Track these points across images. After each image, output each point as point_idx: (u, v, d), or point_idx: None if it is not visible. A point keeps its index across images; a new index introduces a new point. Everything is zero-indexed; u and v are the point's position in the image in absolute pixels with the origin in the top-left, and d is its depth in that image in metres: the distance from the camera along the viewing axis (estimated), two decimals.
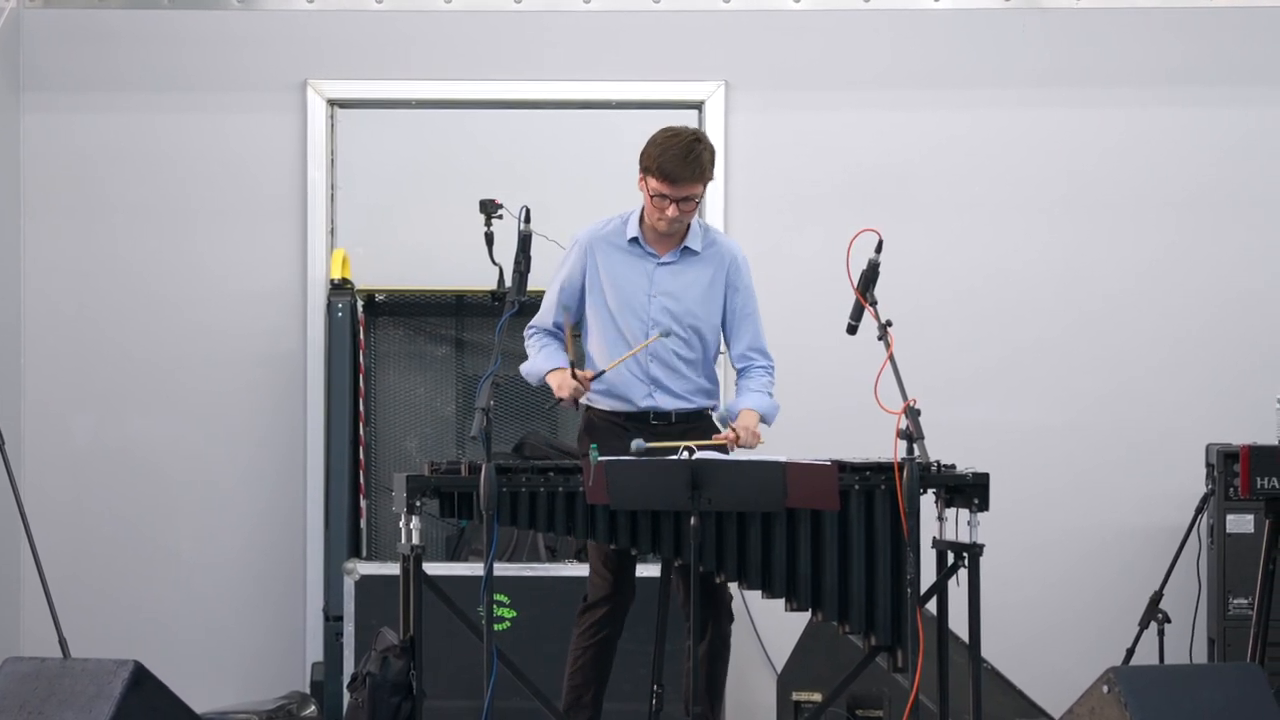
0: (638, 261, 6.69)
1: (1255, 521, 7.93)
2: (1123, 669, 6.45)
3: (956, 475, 6.39)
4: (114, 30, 8.88)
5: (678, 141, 6.51)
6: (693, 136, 6.56)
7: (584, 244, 6.72)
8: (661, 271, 6.68)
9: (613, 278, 6.67)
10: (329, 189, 8.88)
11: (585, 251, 6.71)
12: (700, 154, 6.51)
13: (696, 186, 6.54)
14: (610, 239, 6.71)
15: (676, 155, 6.48)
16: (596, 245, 6.70)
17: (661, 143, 6.54)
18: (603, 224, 6.76)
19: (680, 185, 6.50)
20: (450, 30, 8.86)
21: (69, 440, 8.89)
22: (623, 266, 6.68)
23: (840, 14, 8.84)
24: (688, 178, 6.50)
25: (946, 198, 8.85)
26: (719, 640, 6.65)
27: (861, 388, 6.20)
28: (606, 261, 6.68)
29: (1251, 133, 8.85)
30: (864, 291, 6.35)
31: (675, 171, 6.48)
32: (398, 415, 8.71)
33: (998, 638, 7.10)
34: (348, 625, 7.98)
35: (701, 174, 6.52)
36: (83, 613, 8.32)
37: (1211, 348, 8.81)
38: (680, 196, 6.52)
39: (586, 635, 6.65)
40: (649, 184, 6.55)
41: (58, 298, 8.91)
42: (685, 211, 6.56)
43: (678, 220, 6.58)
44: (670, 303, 6.64)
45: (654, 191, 6.53)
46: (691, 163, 6.48)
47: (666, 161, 6.48)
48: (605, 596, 6.62)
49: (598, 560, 6.62)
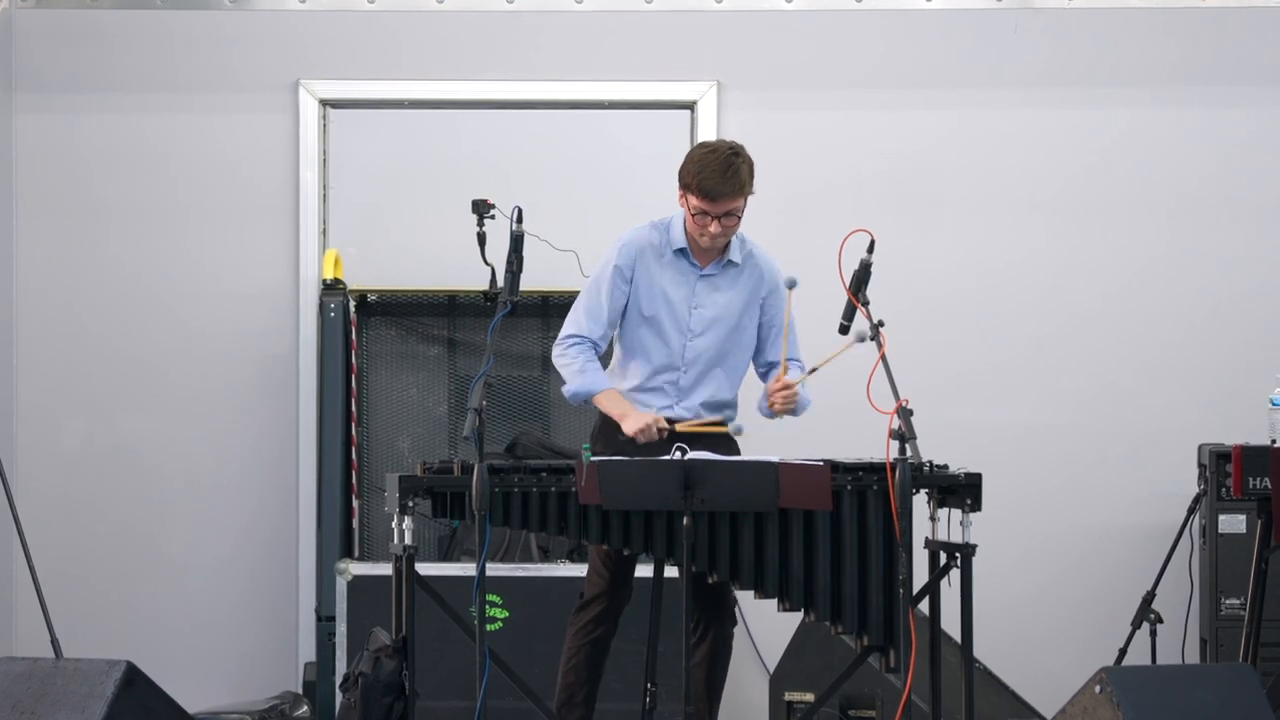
0: (681, 272, 6.64)
1: (1247, 522, 7.93)
2: (1115, 669, 6.45)
3: (949, 475, 6.39)
4: (106, 31, 8.88)
5: (716, 158, 6.46)
6: (730, 151, 6.49)
7: (633, 248, 6.63)
8: (704, 283, 6.66)
9: (658, 288, 6.62)
10: (321, 189, 8.88)
11: (635, 255, 6.63)
12: (739, 168, 6.46)
13: (737, 201, 6.50)
14: (656, 247, 6.66)
15: (715, 172, 6.43)
16: (645, 251, 6.65)
17: (699, 160, 6.48)
18: (645, 231, 6.69)
19: (721, 202, 6.46)
20: (442, 30, 8.86)
21: (61, 440, 8.88)
22: (666, 277, 6.63)
23: (832, 14, 8.84)
24: (728, 193, 6.45)
25: (939, 198, 8.86)
26: (720, 642, 6.64)
27: (854, 388, 6.20)
28: (652, 271, 6.63)
29: (1244, 134, 8.86)
30: (856, 291, 6.35)
31: (715, 188, 6.44)
32: (390, 415, 8.71)
33: (990, 638, 7.10)
34: (340, 625, 7.98)
35: (742, 188, 6.49)
36: (75, 613, 8.32)
37: (1204, 348, 8.82)
38: (721, 212, 6.49)
39: (582, 634, 6.64)
40: (689, 201, 6.50)
41: (50, 298, 8.90)
42: (728, 227, 6.53)
43: (721, 236, 6.55)
44: (711, 314, 6.63)
45: (695, 209, 6.49)
46: (730, 178, 6.44)
47: (706, 179, 6.43)
48: (602, 594, 6.61)
49: (597, 559, 6.60)
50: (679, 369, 6.61)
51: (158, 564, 8.85)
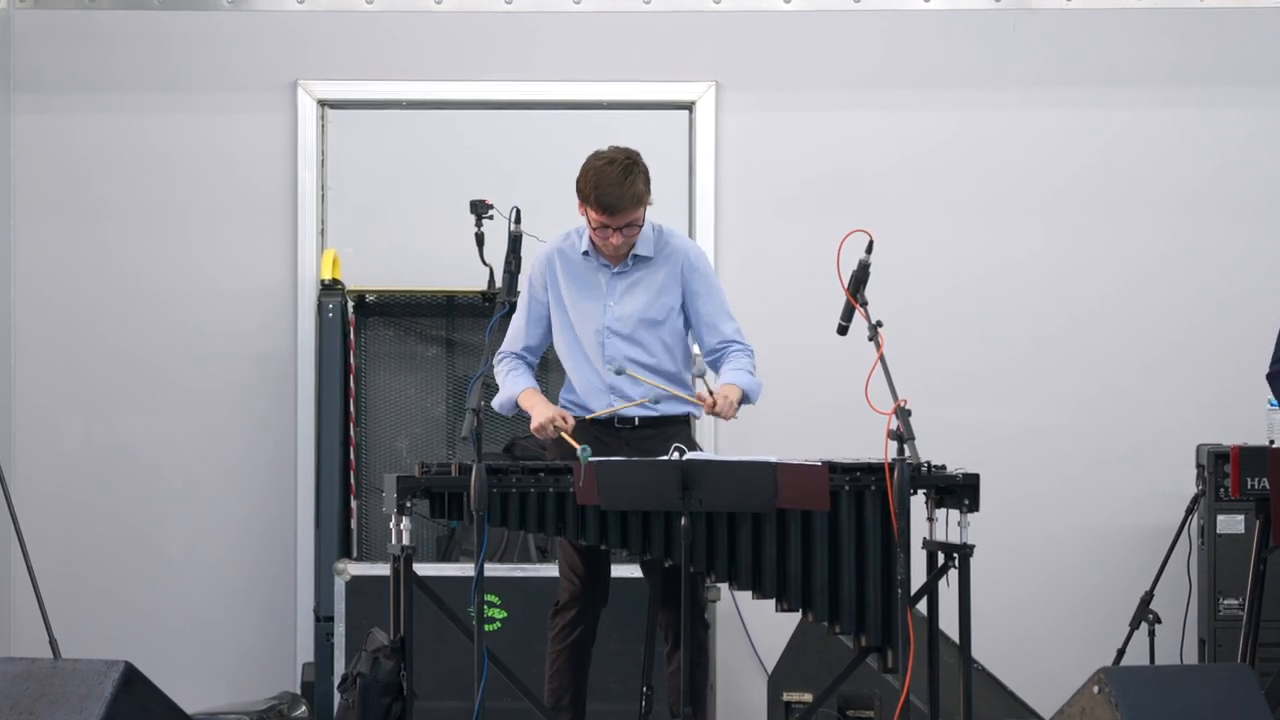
0: (592, 273, 6.68)
1: (1246, 522, 7.93)
2: (1113, 669, 6.44)
3: (947, 476, 6.38)
4: (105, 31, 8.88)
5: (611, 171, 6.46)
6: (626, 161, 6.50)
7: (543, 260, 6.71)
8: (616, 281, 6.67)
9: (571, 290, 6.66)
10: (319, 189, 8.88)
11: (547, 264, 6.70)
12: (635, 182, 6.47)
13: (636, 212, 6.52)
14: (567, 253, 6.70)
15: (613, 184, 6.44)
16: (555, 257, 6.70)
17: (596, 172, 6.48)
18: (561, 238, 6.75)
19: (620, 215, 6.48)
20: (441, 31, 8.86)
21: (60, 440, 8.88)
22: (579, 279, 6.67)
23: (831, 14, 8.84)
24: (627, 207, 6.48)
25: (937, 198, 8.86)
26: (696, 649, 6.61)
27: (852, 388, 6.20)
28: (565, 274, 6.67)
29: (1244, 134, 8.85)
30: (855, 292, 6.35)
31: (614, 203, 6.45)
32: (388, 416, 8.71)
33: (988, 638, 7.10)
34: (338, 626, 7.98)
35: (639, 200, 6.50)
36: (74, 613, 8.33)
37: (1202, 348, 8.82)
38: (622, 224, 6.51)
39: (560, 638, 6.66)
40: (589, 214, 6.52)
41: (48, 298, 8.90)
42: (629, 237, 6.56)
43: (624, 245, 6.57)
44: (624, 310, 6.64)
45: (594, 222, 6.52)
46: (628, 191, 6.45)
47: (604, 194, 6.44)
48: (574, 598, 6.63)
49: (565, 563, 6.63)
50: (605, 366, 6.61)
51: (156, 564, 8.85)
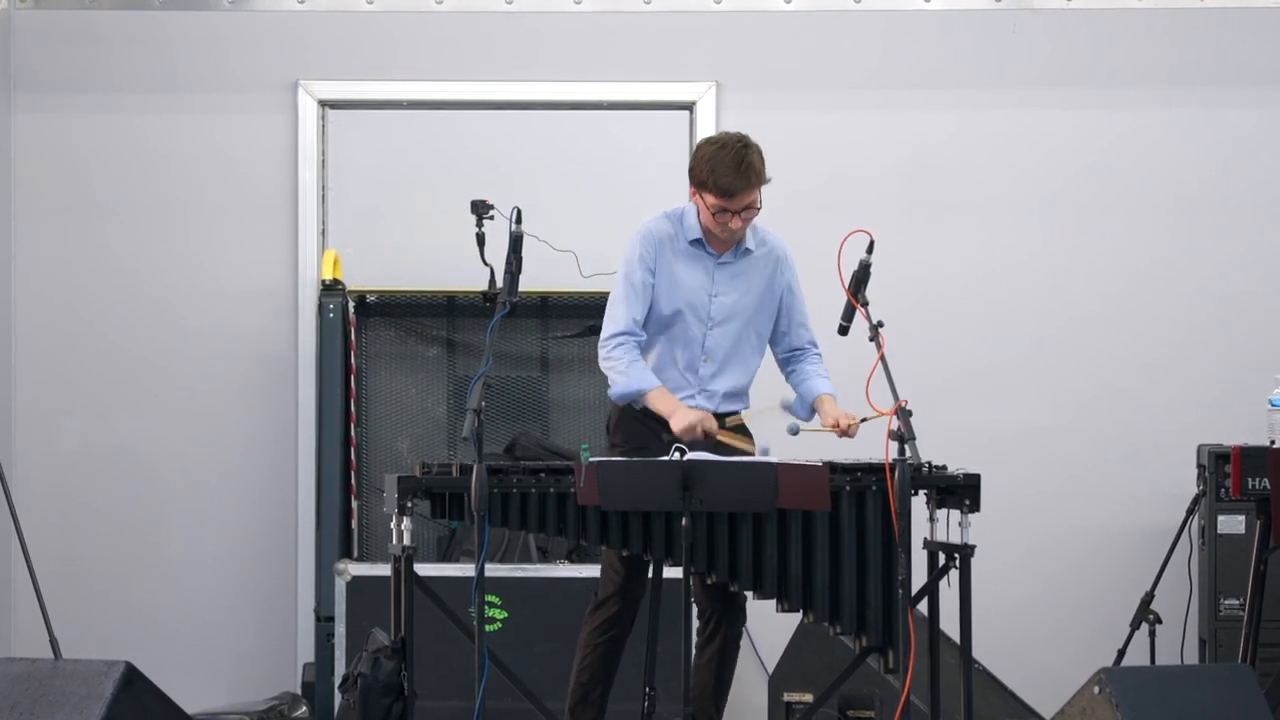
0: (698, 262, 6.63)
1: (1246, 522, 7.93)
2: (1114, 670, 6.45)
3: (948, 476, 6.38)
4: (105, 31, 8.88)
5: (727, 154, 6.43)
6: (739, 144, 6.46)
7: (652, 240, 6.61)
8: (721, 272, 6.65)
9: (676, 278, 6.61)
10: (320, 189, 8.88)
11: (654, 246, 6.60)
12: (752, 161, 6.43)
13: (754, 193, 6.49)
14: (673, 239, 6.63)
15: (730, 168, 6.41)
16: (663, 241, 6.62)
17: (711, 158, 6.46)
18: (660, 222, 6.66)
19: (739, 197, 6.45)
20: (441, 31, 8.86)
21: (60, 440, 8.88)
22: (684, 267, 6.62)
23: (831, 14, 8.84)
24: (745, 187, 6.44)
25: (938, 198, 8.86)
26: (730, 640, 6.63)
27: (853, 388, 6.20)
28: (670, 261, 6.61)
29: (1243, 135, 8.85)
30: (855, 292, 6.35)
31: (732, 185, 6.42)
32: (389, 416, 8.71)
33: (989, 638, 7.10)
34: (339, 626, 7.98)
35: (758, 180, 6.46)
36: (74, 613, 8.32)
37: (1203, 349, 8.82)
38: (741, 207, 6.47)
39: (597, 633, 6.61)
40: (705, 199, 6.48)
41: (48, 298, 8.90)
42: (748, 219, 6.53)
43: (742, 229, 6.55)
44: (730, 301, 6.62)
45: (714, 207, 6.46)
46: (745, 172, 6.42)
47: (722, 177, 6.41)
48: (617, 592, 6.57)
49: (613, 555, 6.57)
50: (700, 358, 6.60)
51: (156, 564, 8.84)
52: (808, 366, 6.73)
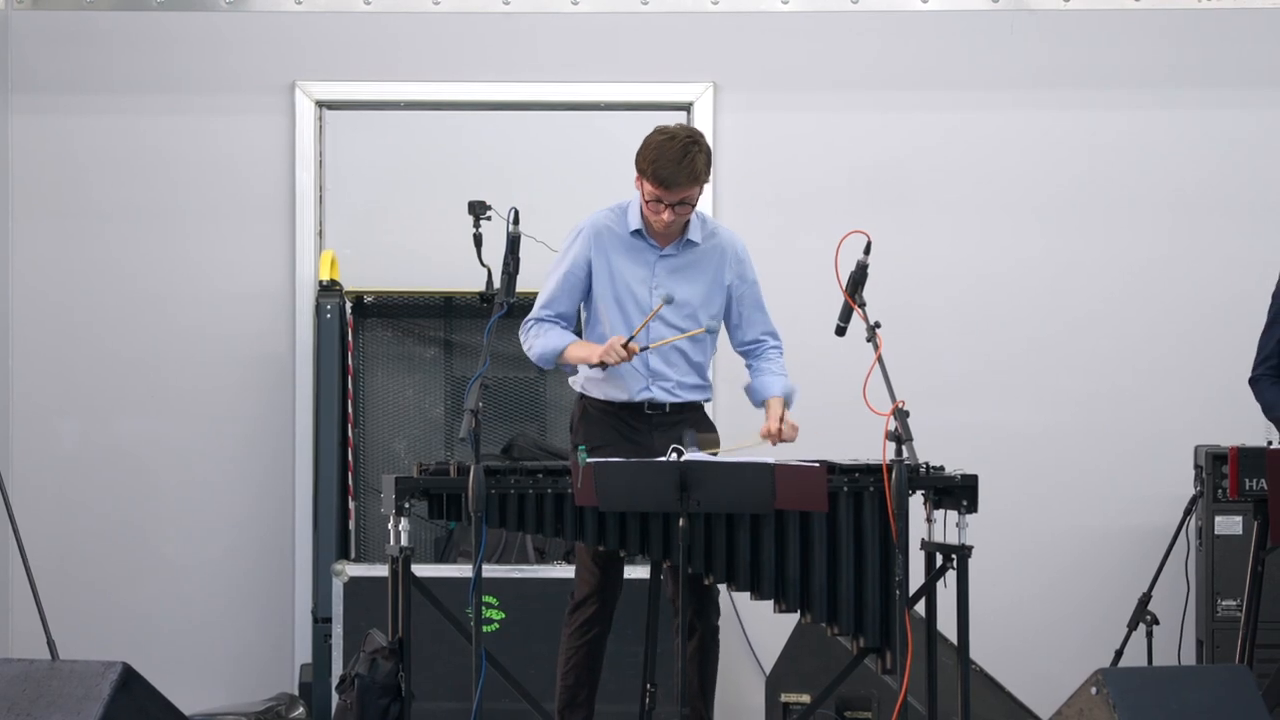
0: (640, 253, 6.65)
1: (1244, 523, 7.93)
2: (1111, 670, 6.46)
3: (945, 477, 6.38)
4: (102, 32, 8.87)
5: (672, 146, 6.45)
6: (687, 139, 6.47)
7: (590, 231, 6.67)
8: (663, 264, 6.66)
9: (616, 269, 6.64)
10: (317, 190, 8.88)
11: (591, 238, 6.66)
12: (694, 158, 6.44)
13: (692, 190, 6.50)
14: (613, 229, 6.67)
15: (671, 160, 6.42)
16: (602, 234, 6.66)
17: (656, 146, 6.47)
18: (604, 214, 6.70)
19: (675, 190, 6.46)
20: (439, 31, 8.86)
21: (57, 441, 8.88)
22: (625, 258, 6.64)
23: (828, 15, 8.84)
24: (683, 183, 6.45)
25: (935, 199, 8.86)
26: (708, 635, 6.65)
27: (850, 389, 6.20)
28: (611, 252, 6.64)
29: (1241, 135, 8.85)
30: (852, 293, 6.35)
31: (670, 177, 6.43)
32: (386, 417, 8.71)
33: (986, 639, 7.09)
34: (336, 627, 7.97)
35: (696, 178, 6.47)
36: (71, 614, 8.33)
37: (1200, 350, 8.81)
38: (675, 201, 6.49)
39: (578, 634, 6.64)
40: (644, 187, 6.51)
41: (45, 299, 8.90)
42: (681, 214, 6.54)
43: (674, 223, 6.55)
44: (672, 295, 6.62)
45: (649, 196, 6.49)
46: (686, 168, 6.43)
47: (661, 167, 6.43)
48: (593, 593, 6.61)
49: (586, 556, 6.60)
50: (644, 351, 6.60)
51: (154, 565, 8.84)
52: (762, 364, 6.76)
